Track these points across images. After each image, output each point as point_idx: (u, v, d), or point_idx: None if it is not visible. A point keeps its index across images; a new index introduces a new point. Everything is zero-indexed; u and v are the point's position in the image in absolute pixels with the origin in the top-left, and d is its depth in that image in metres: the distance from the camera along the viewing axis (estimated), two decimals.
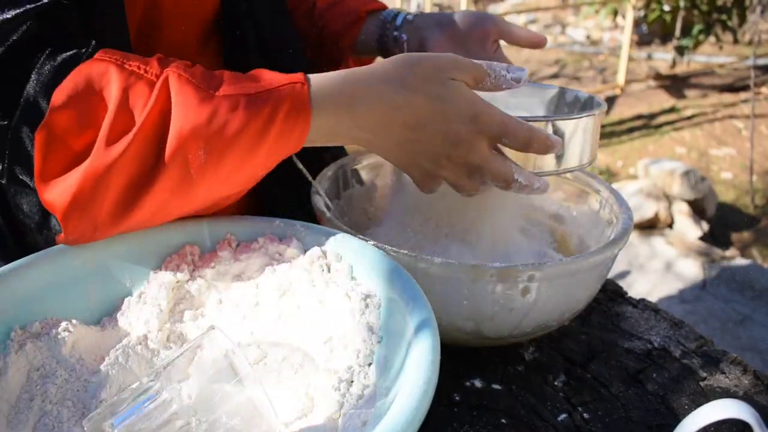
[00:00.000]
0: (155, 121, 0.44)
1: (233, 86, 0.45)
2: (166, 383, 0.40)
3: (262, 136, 0.45)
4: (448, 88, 0.49)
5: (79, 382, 0.43)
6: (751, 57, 4.20)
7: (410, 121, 0.49)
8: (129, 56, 0.46)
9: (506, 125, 0.50)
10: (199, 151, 0.44)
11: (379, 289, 0.45)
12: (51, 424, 0.40)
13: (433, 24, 0.74)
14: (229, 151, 0.45)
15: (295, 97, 0.45)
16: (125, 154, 0.43)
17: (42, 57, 0.46)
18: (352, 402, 0.40)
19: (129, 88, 0.44)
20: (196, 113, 0.43)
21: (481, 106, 0.50)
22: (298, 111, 0.46)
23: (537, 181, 0.53)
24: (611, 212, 0.65)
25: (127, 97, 0.44)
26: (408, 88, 0.49)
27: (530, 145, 0.51)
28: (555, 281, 0.52)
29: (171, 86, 0.44)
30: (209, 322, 0.49)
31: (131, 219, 0.46)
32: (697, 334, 0.64)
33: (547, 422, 0.52)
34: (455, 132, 0.50)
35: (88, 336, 0.46)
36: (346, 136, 0.50)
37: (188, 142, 0.43)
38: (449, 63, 0.50)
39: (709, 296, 2.27)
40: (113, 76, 0.45)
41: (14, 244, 0.64)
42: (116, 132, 0.44)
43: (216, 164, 0.45)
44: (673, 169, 3.02)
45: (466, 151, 0.50)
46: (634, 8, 4.29)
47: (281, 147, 0.47)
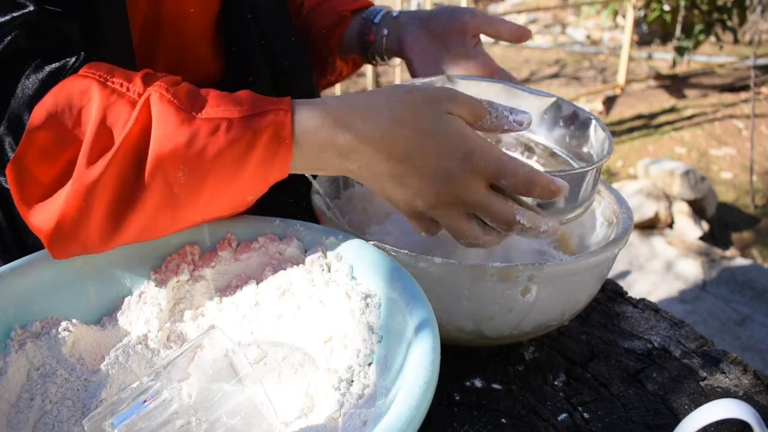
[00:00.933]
0: (135, 141, 0.43)
1: (216, 108, 0.44)
2: (166, 383, 0.40)
3: (242, 162, 0.44)
4: (440, 122, 0.46)
5: (79, 382, 0.43)
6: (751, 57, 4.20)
7: (397, 154, 0.46)
8: (114, 72, 0.46)
9: (504, 165, 0.46)
10: (178, 173, 0.43)
11: (380, 288, 0.45)
12: (51, 423, 0.40)
13: (414, 20, 0.73)
14: (209, 175, 0.44)
15: (277, 125, 0.44)
16: (106, 173, 0.42)
17: (28, 70, 0.46)
18: (352, 401, 0.40)
19: (109, 107, 0.44)
20: (175, 135, 0.42)
21: (475, 144, 0.47)
22: (279, 140, 0.44)
23: (543, 223, 0.49)
24: (611, 212, 0.65)
25: (107, 116, 0.44)
26: (396, 119, 0.46)
27: (532, 189, 0.47)
28: (555, 281, 0.52)
29: (152, 106, 0.43)
30: (209, 321, 0.49)
31: (121, 237, 0.45)
32: (697, 334, 0.64)
33: (547, 422, 0.52)
34: (444, 168, 0.46)
35: (88, 335, 0.46)
36: (333, 166, 0.47)
37: (167, 163, 0.43)
38: (444, 96, 0.48)
39: (709, 296, 2.27)
40: (95, 93, 0.44)
41: (15, 244, 0.64)
42: (96, 151, 0.43)
43: (197, 187, 0.44)
44: (673, 169, 3.02)
45: (459, 190, 0.47)
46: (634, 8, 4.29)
47: (265, 173, 0.45)
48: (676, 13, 4.29)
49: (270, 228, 0.52)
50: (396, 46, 0.74)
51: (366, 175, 0.48)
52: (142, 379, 0.40)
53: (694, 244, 2.65)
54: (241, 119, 0.44)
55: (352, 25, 0.78)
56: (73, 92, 0.44)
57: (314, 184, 0.62)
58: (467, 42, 0.71)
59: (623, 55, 4.48)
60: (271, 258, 0.51)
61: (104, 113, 0.43)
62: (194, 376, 0.40)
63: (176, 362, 0.41)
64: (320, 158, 0.46)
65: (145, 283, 0.49)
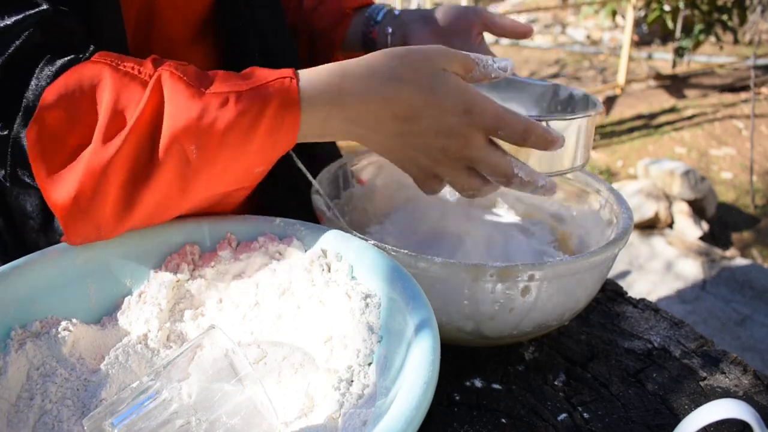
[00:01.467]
0: (148, 119, 0.44)
1: (224, 84, 0.45)
2: (166, 382, 0.40)
3: (252, 131, 0.45)
4: (438, 78, 0.48)
5: (79, 381, 0.43)
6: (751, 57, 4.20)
7: (401, 112, 0.48)
8: (124, 58, 0.47)
9: (501, 116, 0.49)
10: (191, 146, 0.44)
11: (380, 288, 0.45)
12: (51, 423, 0.40)
13: (416, 18, 0.74)
14: (221, 147, 0.45)
15: (284, 92, 0.45)
16: (121, 151, 0.44)
17: (42, 63, 0.46)
18: (352, 401, 0.40)
19: (123, 88, 0.45)
20: (187, 110, 0.44)
21: (474, 97, 0.49)
22: (287, 106, 0.46)
23: (541, 178, 0.51)
24: (611, 212, 0.65)
25: (121, 96, 0.45)
26: (397, 79, 0.48)
27: (528, 138, 0.49)
28: (555, 281, 0.52)
29: (163, 84, 0.45)
30: (209, 321, 0.49)
31: (133, 217, 0.46)
32: (697, 334, 0.64)
33: (547, 422, 0.52)
34: (448, 123, 0.48)
35: (88, 335, 0.46)
36: (338, 131, 0.49)
37: (180, 137, 0.44)
38: (437, 53, 0.49)
39: (709, 296, 2.27)
40: (107, 76, 0.45)
41: (14, 245, 0.64)
42: (112, 130, 0.44)
43: (209, 159, 0.45)
44: (673, 169, 3.02)
45: (461, 144, 0.49)
46: (634, 8, 4.29)
47: (274, 142, 0.47)
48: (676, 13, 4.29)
49: (270, 228, 0.52)
50: (401, 45, 0.74)
51: (373, 138, 0.50)
52: (142, 378, 0.40)
53: (694, 244, 2.65)
54: (249, 91, 0.45)
55: (354, 22, 0.78)
56: (85, 75, 0.46)
57: (314, 183, 0.62)
58: (471, 40, 0.72)
59: (623, 55, 4.48)
60: (271, 258, 0.51)
61: (117, 94, 0.45)
62: (194, 376, 0.40)
63: (176, 362, 0.41)
64: (326, 124, 0.48)
65: (145, 282, 0.49)
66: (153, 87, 0.44)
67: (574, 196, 0.72)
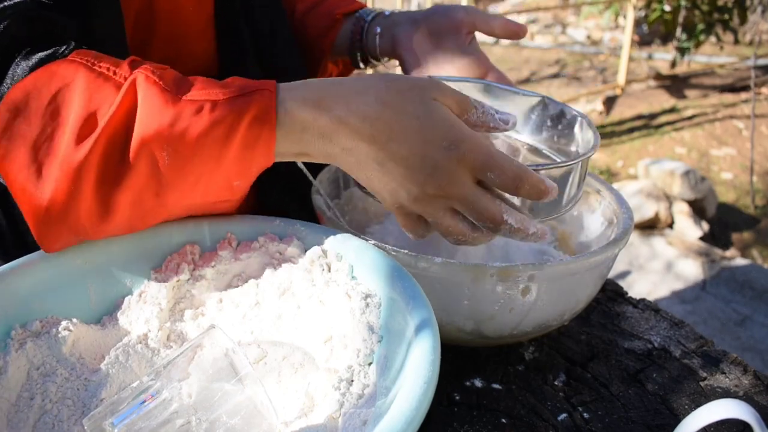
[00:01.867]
0: (120, 121, 0.43)
1: (201, 91, 0.44)
2: (166, 382, 0.40)
3: (225, 142, 0.44)
4: (426, 107, 0.45)
5: (80, 381, 0.43)
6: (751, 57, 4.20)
7: (380, 136, 0.44)
8: (101, 57, 0.46)
9: (493, 158, 0.45)
10: (162, 152, 0.43)
11: (380, 288, 0.45)
12: (51, 422, 0.40)
13: (405, 19, 0.73)
14: (193, 156, 0.44)
15: (261, 104, 0.44)
16: (92, 153, 0.43)
17: (18, 57, 0.46)
18: (352, 401, 0.40)
19: (96, 89, 0.44)
20: (159, 115, 0.43)
21: (464, 133, 0.45)
22: (263, 120, 0.44)
23: (532, 225, 0.47)
24: (611, 212, 0.65)
25: (93, 98, 0.44)
26: (380, 101, 0.45)
27: (521, 186, 0.45)
28: (555, 281, 0.52)
29: (138, 87, 0.44)
30: (209, 321, 0.49)
31: (111, 222, 0.45)
32: (697, 334, 0.64)
33: (547, 422, 0.52)
34: (431, 156, 0.44)
35: (89, 335, 0.46)
36: (316, 150, 0.46)
37: (151, 143, 0.43)
38: (430, 84, 0.46)
39: (709, 296, 2.27)
40: (80, 76, 0.45)
41: (15, 245, 0.64)
42: (84, 131, 0.43)
43: (181, 167, 0.44)
44: (673, 169, 3.03)
45: (444, 181, 0.45)
46: (634, 8, 4.29)
47: (250, 155, 0.45)
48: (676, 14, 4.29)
49: (270, 228, 0.52)
50: (389, 46, 0.74)
51: (349, 160, 0.46)
52: (142, 378, 0.40)
53: (694, 245, 2.65)
54: (226, 101, 0.43)
55: (344, 28, 0.78)
56: (57, 73, 0.45)
57: (315, 183, 0.62)
58: (461, 39, 0.71)
59: (623, 55, 4.48)
60: (271, 258, 0.51)
61: (90, 95, 0.44)
62: (194, 376, 0.40)
63: (176, 362, 0.41)
64: (302, 140, 0.45)
65: (145, 282, 0.49)
66: (127, 90, 0.43)
67: None
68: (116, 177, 0.44)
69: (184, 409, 0.39)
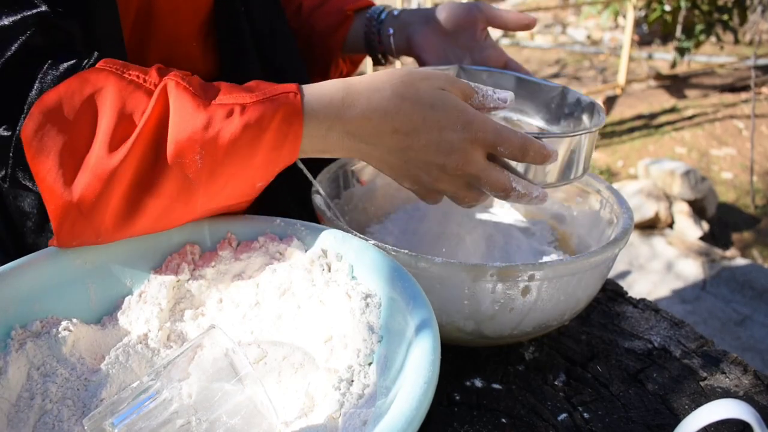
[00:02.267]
0: (154, 127, 0.44)
1: (229, 96, 0.46)
2: (166, 382, 0.40)
3: (256, 143, 0.45)
4: (438, 96, 0.49)
5: (80, 381, 0.43)
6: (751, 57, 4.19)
7: (401, 127, 0.49)
8: (129, 66, 0.47)
9: (500, 133, 0.50)
10: (195, 156, 0.44)
11: (380, 288, 0.45)
12: (51, 422, 0.40)
13: (419, 19, 0.74)
14: (225, 158, 0.45)
15: (288, 105, 0.46)
16: (127, 160, 0.44)
17: (45, 66, 0.46)
18: (352, 401, 0.40)
19: (128, 96, 0.45)
20: (192, 120, 0.44)
21: (472, 114, 0.50)
22: (291, 118, 0.46)
23: (535, 189, 0.53)
24: (611, 212, 0.65)
25: (126, 104, 0.45)
26: (398, 95, 0.49)
27: (526, 153, 0.51)
28: (555, 281, 0.52)
29: (169, 93, 0.45)
30: (209, 321, 0.49)
31: (135, 225, 0.46)
32: (697, 334, 0.64)
33: (547, 422, 0.52)
34: (448, 140, 0.49)
35: (89, 335, 0.46)
36: (340, 146, 0.50)
37: (185, 148, 0.44)
38: (438, 75, 0.51)
39: (709, 296, 2.27)
40: (111, 83, 0.45)
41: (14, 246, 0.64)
42: (117, 137, 0.44)
43: (212, 170, 0.45)
44: (673, 169, 3.02)
45: (461, 162, 0.50)
46: (634, 8, 4.28)
47: (277, 155, 0.47)
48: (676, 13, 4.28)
49: (270, 227, 0.52)
50: (405, 46, 0.75)
51: (374, 153, 0.51)
52: (142, 378, 0.40)
53: (694, 244, 2.65)
54: (254, 104, 0.46)
55: (355, 24, 0.78)
56: (89, 81, 0.46)
57: (314, 183, 0.62)
58: (477, 36, 0.73)
59: (623, 55, 4.48)
60: (271, 258, 0.51)
61: (123, 102, 0.45)
62: (194, 376, 0.40)
63: (176, 362, 0.41)
64: (328, 138, 0.49)
65: (145, 282, 0.49)
66: (158, 96, 0.45)
67: (574, 196, 0.72)
68: (149, 182, 0.45)
69: (184, 409, 0.39)
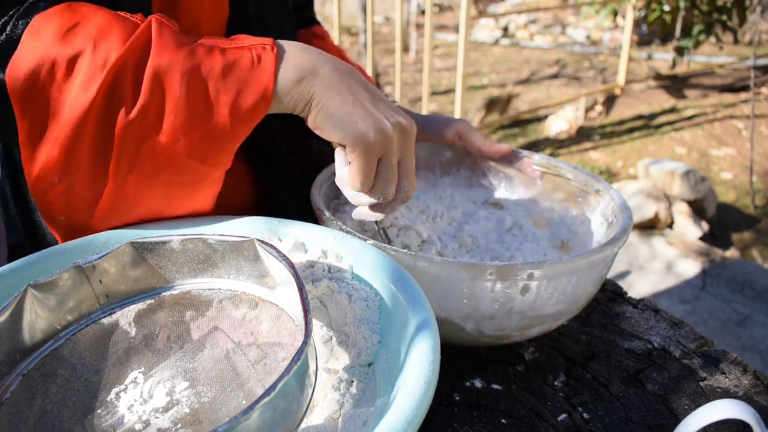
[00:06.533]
0: (137, 52, 0.47)
1: (210, 40, 0.50)
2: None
3: (233, 69, 0.48)
4: None
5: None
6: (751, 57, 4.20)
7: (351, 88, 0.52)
8: (117, 6, 0.51)
9: None
10: (175, 84, 0.46)
11: (380, 288, 0.45)
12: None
13: None
14: (207, 85, 0.47)
15: (265, 43, 0.50)
16: (102, 87, 0.46)
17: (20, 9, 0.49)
18: (352, 402, 0.40)
19: (117, 22, 0.48)
20: (175, 51, 0.47)
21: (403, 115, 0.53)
22: (266, 53, 0.50)
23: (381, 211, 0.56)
24: (611, 212, 0.65)
25: (112, 30, 0.48)
26: None
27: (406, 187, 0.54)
28: (554, 280, 0.52)
29: (153, 28, 0.48)
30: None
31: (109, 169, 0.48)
32: (697, 334, 0.64)
33: (547, 422, 0.52)
34: None
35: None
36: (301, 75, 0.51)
37: (166, 74, 0.46)
38: None
39: (709, 296, 2.27)
40: (102, 11, 0.49)
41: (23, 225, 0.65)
42: (98, 62, 0.47)
43: (194, 98, 0.47)
44: (673, 169, 3.03)
45: None
46: (634, 8, 4.29)
47: (256, 76, 0.49)
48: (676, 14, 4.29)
49: (270, 228, 0.52)
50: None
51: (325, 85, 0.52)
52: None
53: (694, 245, 2.65)
54: (233, 49, 0.50)
55: None
56: (80, 8, 0.49)
57: (314, 183, 0.62)
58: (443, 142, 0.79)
59: (623, 55, 4.48)
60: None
61: (111, 26, 0.48)
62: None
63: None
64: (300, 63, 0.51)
65: None
66: (144, 27, 0.48)
67: (574, 195, 0.72)
68: (126, 110, 0.47)
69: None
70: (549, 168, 0.73)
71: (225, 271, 0.46)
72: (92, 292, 0.44)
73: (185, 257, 0.46)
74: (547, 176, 0.74)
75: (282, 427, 0.32)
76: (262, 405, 0.30)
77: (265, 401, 0.30)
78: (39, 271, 0.47)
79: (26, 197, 0.67)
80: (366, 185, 0.53)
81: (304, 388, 0.35)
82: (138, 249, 0.44)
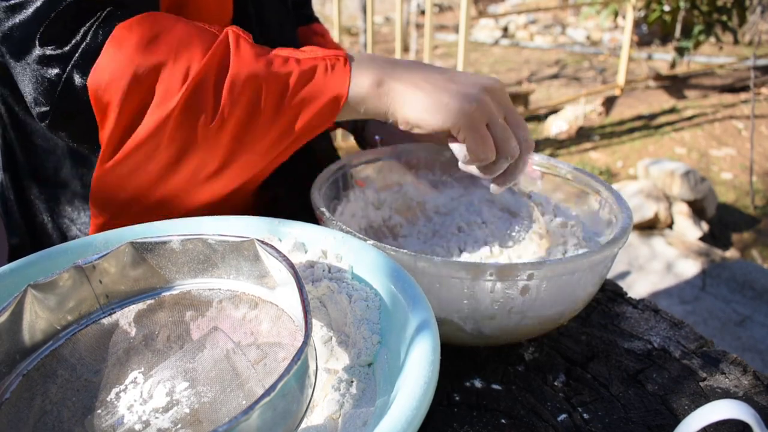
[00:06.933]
0: (217, 63, 0.49)
1: (285, 50, 0.53)
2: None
3: (309, 77, 0.52)
4: None
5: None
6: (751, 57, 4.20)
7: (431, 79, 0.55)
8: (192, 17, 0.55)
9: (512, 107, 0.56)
10: (254, 93, 0.49)
11: (380, 288, 0.45)
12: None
13: None
14: (284, 93, 0.50)
15: (337, 54, 0.53)
16: (185, 94, 0.48)
17: (100, 17, 0.50)
18: (352, 402, 0.40)
19: (196, 34, 0.50)
20: (253, 62, 0.49)
21: None
22: (339, 63, 0.53)
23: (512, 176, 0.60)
24: (611, 212, 0.65)
25: (192, 41, 0.50)
26: None
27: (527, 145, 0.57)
28: (554, 280, 0.52)
29: (231, 40, 0.50)
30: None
31: None
32: (697, 335, 0.64)
33: (547, 422, 0.52)
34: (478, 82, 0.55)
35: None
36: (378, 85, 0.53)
37: (245, 84, 0.49)
38: None
39: (709, 296, 2.27)
40: (181, 22, 0.51)
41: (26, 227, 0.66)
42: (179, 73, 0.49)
43: (271, 105, 0.51)
44: (673, 169, 3.03)
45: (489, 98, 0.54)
46: (634, 8, 4.29)
47: (329, 87, 0.52)
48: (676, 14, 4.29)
49: (270, 228, 0.52)
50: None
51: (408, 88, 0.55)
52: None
53: (694, 245, 2.65)
54: (307, 59, 0.52)
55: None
56: (159, 19, 0.51)
57: (314, 183, 0.62)
58: None
59: (623, 55, 4.48)
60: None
61: (192, 37, 0.50)
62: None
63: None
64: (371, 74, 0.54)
65: None
66: (222, 39, 0.50)
67: (574, 196, 0.72)
68: (210, 118, 0.50)
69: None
70: (549, 168, 0.73)
71: (225, 271, 0.46)
72: (92, 292, 0.44)
73: (185, 257, 0.46)
74: (547, 176, 0.74)
75: (282, 427, 0.32)
76: (262, 405, 0.30)
77: (265, 401, 0.30)
78: (39, 271, 0.47)
79: (28, 198, 0.67)
80: (490, 153, 0.55)
81: (304, 389, 0.35)
82: (138, 249, 0.44)
